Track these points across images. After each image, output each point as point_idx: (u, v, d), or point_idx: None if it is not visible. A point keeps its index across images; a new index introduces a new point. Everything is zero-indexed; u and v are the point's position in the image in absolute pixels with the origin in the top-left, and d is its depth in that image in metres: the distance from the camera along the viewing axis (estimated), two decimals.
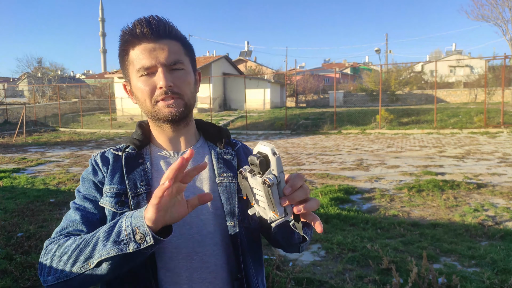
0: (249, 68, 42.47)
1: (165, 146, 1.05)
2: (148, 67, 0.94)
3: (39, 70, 40.23)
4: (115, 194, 0.97)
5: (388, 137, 16.12)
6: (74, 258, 0.83)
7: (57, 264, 0.85)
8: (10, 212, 5.86)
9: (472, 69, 45.21)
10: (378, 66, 36.77)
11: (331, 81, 46.02)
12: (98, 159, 1.04)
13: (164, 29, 0.95)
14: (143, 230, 0.76)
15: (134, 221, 0.78)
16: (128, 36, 0.96)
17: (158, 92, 0.95)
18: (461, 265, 3.82)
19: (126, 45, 0.97)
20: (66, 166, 10.68)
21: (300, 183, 0.81)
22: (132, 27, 0.95)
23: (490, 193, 6.52)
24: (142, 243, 0.77)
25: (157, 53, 0.94)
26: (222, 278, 0.97)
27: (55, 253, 0.87)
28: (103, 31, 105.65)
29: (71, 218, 0.96)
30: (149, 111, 0.99)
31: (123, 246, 0.78)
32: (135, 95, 1.00)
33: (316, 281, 3.50)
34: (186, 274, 0.95)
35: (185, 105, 0.98)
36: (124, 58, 0.99)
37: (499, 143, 13.12)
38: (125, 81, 1.05)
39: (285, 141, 16.30)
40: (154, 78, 0.95)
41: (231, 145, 1.11)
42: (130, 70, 0.99)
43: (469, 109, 21.04)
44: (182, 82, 0.97)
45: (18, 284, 3.48)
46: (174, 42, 0.97)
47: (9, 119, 26.59)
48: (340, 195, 6.47)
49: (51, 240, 0.93)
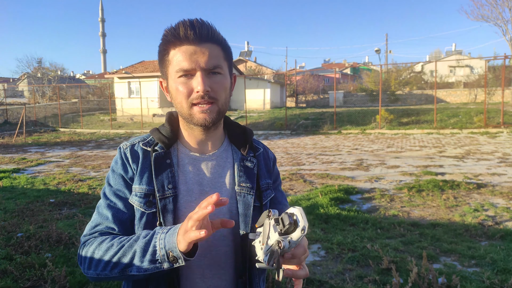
0: (249, 68, 42.47)
1: (192, 147, 1.07)
2: (187, 69, 0.96)
3: (39, 70, 40.21)
4: (143, 194, 1.01)
5: (388, 137, 16.12)
6: (113, 264, 0.93)
7: (97, 264, 0.95)
8: (10, 212, 5.86)
9: (472, 69, 45.21)
10: (378, 66, 36.79)
11: (331, 81, 46.02)
12: (128, 152, 1.06)
13: (206, 33, 0.97)
14: (176, 254, 0.86)
15: (168, 245, 0.87)
16: (171, 36, 0.97)
17: (194, 95, 0.97)
18: (461, 265, 3.82)
19: (168, 45, 0.99)
20: (66, 166, 10.68)
21: (302, 255, 0.90)
22: (176, 28, 0.97)
23: (490, 193, 6.53)
24: (175, 263, 0.87)
25: (198, 56, 0.96)
26: (230, 274, 1.05)
27: (94, 253, 0.96)
28: (103, 31, 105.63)
29: (103, 215, 1.03)
30: (184, 113, 1.01)
31: (159, 265, 0.89)
32: (172, 94, 1.03)
33: (316, 281, 3.50)
34: (199, 271, 1.02)
35: (219, 111, 1.00)
36: (164, 57, 1.01)
37: (499, 143, 13.12)
38: (162, 78, 1.08)
39: (285, 141, 16.31)
40: (192, 80, 0.97)
41: (253, 149, 1.13)
42: (169, 69, 1.01)
43: (469, 109, 21.05)
44: (219, 87, 0.99)
45: (18, 284, 3.48)
46: (215, 46, 0.99)
47: (9, 119, 26.59)
48: (340, 195, 6.47)
49: (87, 237, 1.02)
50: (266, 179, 1.13)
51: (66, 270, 3.60)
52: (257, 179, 1.09)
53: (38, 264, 3.81)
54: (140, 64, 29.65)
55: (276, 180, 1.20)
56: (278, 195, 1.18)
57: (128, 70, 28.16)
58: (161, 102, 27.22)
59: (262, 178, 1.11)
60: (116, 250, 0.93)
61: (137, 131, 22.52)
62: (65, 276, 3.49)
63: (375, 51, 34.81)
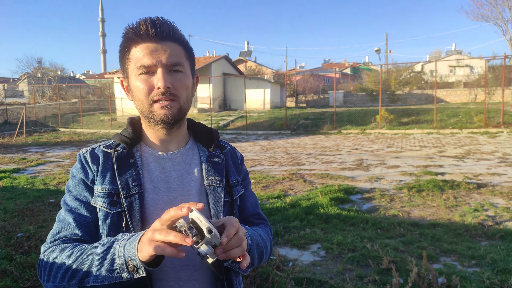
0: (249, 68, 42.48)
1: (156, 146, 1.05)
2: (148, 65, 0.95)
3: (39, 70, 40.20)
4: (107, 194, 0.97)
5: (388, 137, 16.12)
6: (71, 274, 0.87)
7: (55, 275, 0.89)
8: (10, 212, 5.86)
9: (472, 69, 45.21)
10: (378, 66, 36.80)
11: (331, 81, 46.02)
12: (88, 156, 1.03)
13: (168, 31, 0.96)
14: (136, 263, 0.80)
15: (127, 253, 0.81)
16: (131, 34, 0.96)
17: (155, 92, 0.96)
18: (461, 265, 3.82)
19: (129, 42, 0.98)
20: (66, 166, 10.68)
21: (234, 231, 0.83)
22: (137, 25, 0.96)
23: (490, 193, 6.52)
24: (135, 274, 0.81)
25: (159, 53, 0.95)
26: (207, 276, 1.00)
27: (54, 264, 0.91)
28: (103, 32, 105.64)
29: (64, 221, 0.98)
30: (144, 111, 0.99)
31: (117, 275, 0.83)
32: (132, 92, 1.01)
33: (316, 281, 3.50)
34: (173, 272, 0.98)
35: (180, 108, 0.99)
36: (124, 55, 1.00)
37: (499, 143, 13.12)
38: (123, 77, 1.06)
39: (285, 141, 16.30)
40: (153, 77, 0.96)
41: (220, 147, 1.12)
42: (129, 67, 0.99)
43: (469, 109, 21.04)
44: (180, 84, 0.98)
45: (18, 284, 3.48)
46: (176, 45, 0.98)
47: (9, 120, 26.60)
48: (340, 195, 6.47)
49: (48, 245, 0.97)
50: (235, 175, 1.11)
51: None
52: (226, 174, 1.08)
53: (37, 265, 3.81)
54: None
55: (245, 179, 1.18)
56: (247, 194, 1.16)
57: None
58: None
59: (231, 174, 1.10)
60: (74, 258, 0.88)
61: None
62: None
63: (375, 51, 34.82)
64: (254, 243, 0.99)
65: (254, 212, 1.18)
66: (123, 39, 0.99)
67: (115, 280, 0.83)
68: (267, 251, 1.09)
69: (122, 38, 0.99)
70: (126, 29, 0.98)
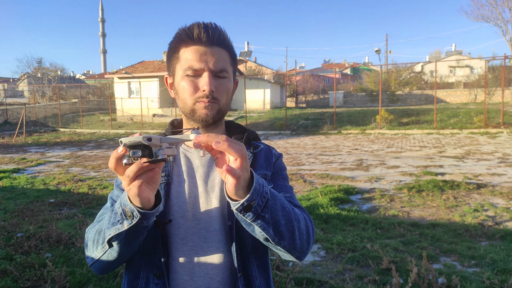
0: (249, 68, 42.49)
1: (191, 145, 1.10)
2: (196, 69, 1.00)
3: (39, 71, 40.19)
4: None
5: (388, 137, 16.12)
6: (96, 243, 0.96)
7: (87, 249, 1.00)
8: (10, 212, 5.86)
9: (472, 70, 45.24)
10: (378, 67, 36.80)
11: (331, 81, 46.02)
12: None
13: (218, 37, 1.01)
14: (129, 207, 0.83)
15: (121, 201, 0.86)
16: (184, 36, 1.01)
17: (200, 94, 1.01)
18: (461, 265, 3.82)
19: (180, 43, 1.03)
20: (66, 167, 10.68)
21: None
22: (190, 28, 1.01)
23: (490, 193, 6.53)
24: (132, 219, 0.84)
25: (207, 58, 1.00)
26: (224, 276, 0.99)
27: (88, 237, 1.01)
28: (103, 32, 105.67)
29: (106, 207, 1.09)
30: (187, 109, 1.04)
31: (119, 226, 0.87)
32: (177, 90, 1.06)
33: (316, 281, 3.50)
34: (189, 266, 0.99)
35: (220, 110, 1.04)
36: (173, 54, 1.05)
37: (499, 143, 13.12)
38: (168, 74, 1.11)
39: (285, 141, 16.30)
40: (198, 79, 1.01)
41: (252, 146, 1.13)
42: (177, 66, 1.04)
43: (469, 110, 21.05)
44: (223, 89, 1.03)
45: (18, 284, 3.48)
46: (224, 51, 1.03)
47: (9, 120, 26.59)
48: (340, 195, 6.47)
49: (90, 226, 1.06)
50: (263, 170, 1.10)
51: (66, 270, 3.61)
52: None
53: (38, 264, 3.81)
54: (140, 64, 29.66)
55: (276, 173, 1.14)
56: (276, 186, 1.10)
57: (128, 70, 28.16)
58: (161, 102, 27.23)
59: (258, 169, 1.09)
60: (97, 228, 0.98)
61: (137, 131, 22.49)
62: (65, 276, 3.49)
63: (375, 51, 34.82)
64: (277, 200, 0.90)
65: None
66: (174, 39, 1.04)
67: (118, 230, 0.88)
68: (301, 227, 0.97)
69: (174, 38, 1.04)
70: (180, 30, 1.03)
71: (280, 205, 0.91)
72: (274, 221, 0.88)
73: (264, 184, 0.87)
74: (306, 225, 1.00)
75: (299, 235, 0.96)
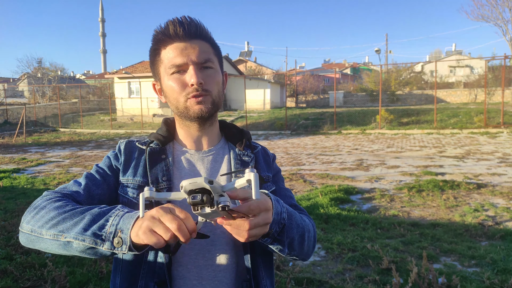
0: (249, 68, 42.49)
1: (188, 145, 1.08)
2: (179, 64, 0.97)
3: (39, 71, 40.18)
4: (137, 186, 1.01)
5: (388, 137, 16.12)
6: (53, 223, 0.85)
7: (40, 219, 0.88)
8: (10, 212, 5.86)
9: (472, 69, 45.21)
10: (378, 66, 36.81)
11: (331, 81, 46.02)
12: (122, 146, 1.08)
13: (195, 30, 0.99)
14: (124, 237, 0.78)
15: (122, 223, 0.80)
16: (161, 35, 0.98)
17: (189, 89, 0.98)
18: (461, 265, 3.82)
19: (158, 44, 1.00)
20: (66, 167, 10.68)
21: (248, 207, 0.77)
22: (165, 27, 0.98)
23: (490, 193, 6.52)
24: (117, 248, 0.79)
25: (189, 51, 0.97)
26: (232, 278, 0.98)
27: (44, 207, 0.90)
28: (103, 32, 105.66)
29: (77, 182, 1.01)
30: (179, 108, 1.01)
31: (99, 242, 0.80)
32: (166, 93, 1.03)
33: (316, 281, 3.50)
34: (196, 271, 0.96)
35: (213, 102, 1.01)
36: (155, 58, 1.02)
37: (499, 143, 13.12)
38: (154, 81, 1.09)
39: (285, 141, 16.30)
40: (185, 75, 0.98)
41: (251, 147, 1.13)
42: (161, 69, 1.02)
43: (469, 109, 21.04)
44: (212, 80, 1.00)
45: (18, 284, 3.48)
46: (204, 42, 1.00)
47: (9, 120, 26.60)
48: (340, 195, 6.47)
49: (50, 192, 0.97)
50: (266, 172, 1.11)
51: (66, 270, 3.61)
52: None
53: (38, 264, 3.82)
54: (140, 64, 29.65)
55: (276, 175, 1.16)
56: (278, 188, 1.13)
57: (128, 70, 28.17)
58: (161, 102, 27.18)
59: (261, 171, 1.10)
60: (66, 210, 0.87)
61: (137, 131, 22.52)
62: (65, 276, 3.49)
63: (375, 51, 34.78)
64: (292, 219, 0.93)
65: (289, 204, 1.14)
66: (152, 42, 1.01)
67: (93, 245, 0.81)
68: (310, 236, 1.02)
69: (152, 41, 1.02)
70: (155, 31, 1.00)
71: (295, 223, 0.95)
72: (289, 240, 0.93)
73: (283, 210, 0.89)
74: (314, 232, 1.06)
75: (307, 243, 1.01)
